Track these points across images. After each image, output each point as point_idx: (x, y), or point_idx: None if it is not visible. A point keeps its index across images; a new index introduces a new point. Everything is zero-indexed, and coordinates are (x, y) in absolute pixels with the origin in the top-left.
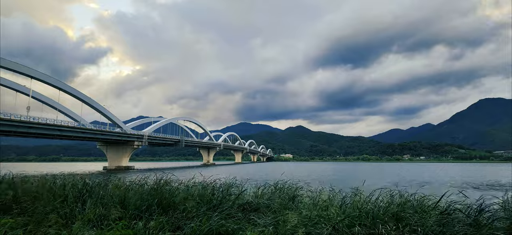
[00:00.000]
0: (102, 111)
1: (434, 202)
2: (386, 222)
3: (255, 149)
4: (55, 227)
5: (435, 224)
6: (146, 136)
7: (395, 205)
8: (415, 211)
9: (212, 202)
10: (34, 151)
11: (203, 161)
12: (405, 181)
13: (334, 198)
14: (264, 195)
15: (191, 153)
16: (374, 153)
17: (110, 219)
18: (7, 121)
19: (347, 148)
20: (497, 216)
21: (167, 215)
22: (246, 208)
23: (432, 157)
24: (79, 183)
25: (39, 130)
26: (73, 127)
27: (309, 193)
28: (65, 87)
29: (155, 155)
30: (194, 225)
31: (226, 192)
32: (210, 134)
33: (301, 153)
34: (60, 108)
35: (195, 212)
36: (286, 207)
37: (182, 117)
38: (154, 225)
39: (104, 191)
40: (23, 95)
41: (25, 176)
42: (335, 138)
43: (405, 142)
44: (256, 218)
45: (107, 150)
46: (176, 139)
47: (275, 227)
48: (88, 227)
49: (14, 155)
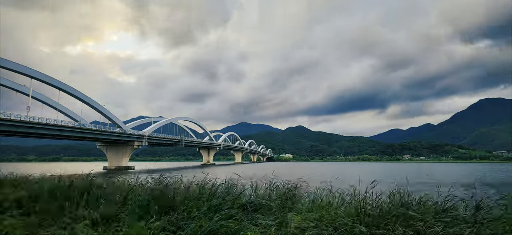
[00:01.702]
0: (102, 112)
1: (436, 201)
2: (388, 222)
3: (255, 149)
4: (56, 227)
5: (437, 223)
6: (146, 136)
7: (397, 205)
8: (417, 210)
9: (213, 202)
10: (34, 151)
11: (203, 161)
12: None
13: (334, 198)
14: (265, 195)
15: (191, 153)
16: (374, 153)
17: (111, 219)
18: (7, 120)
19: (347, 148)
20: (497, 215)
21: (168, 215)
22: (246, 208)
23: (432, 157)
24: (79, 183)
25: (39, 130)
26: (73, 127)
27: (309, 193)
28: (65, 87)
29: (155, 155)
30: (195, 225)
31: (227, 192)
32: (210, 134)
33: (301, 153)
34: (60, 108)
35: (196, 212)
36: (287, 207)
37: (182, 117)
38: (156, 226)
39: (104, 191)
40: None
41: (25, 176)
42: (335, 138)
43: (405, 142)
44: (257, 218)
45: (107, 150)
46: (176, 139)
47: (277, 228)
48: (90, 227)
49: (14, 155)
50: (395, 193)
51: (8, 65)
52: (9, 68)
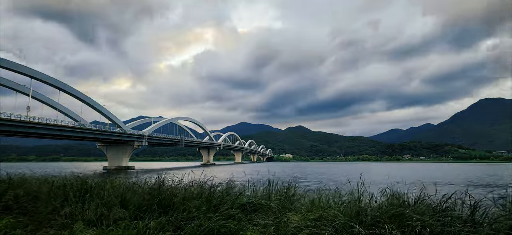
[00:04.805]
0: (102, 112)
1: (434, 201)
2: (386, 222)
3: (255, 149)
4: (55, 227)
5: (435, 223)
6: (146, 136)
7: (395, 205)
8: (415, 210)
9: (212, 202)
10: (34, 151)
11: (203, 161)
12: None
13: (333, 198)
14: (264, 195)
15: (191, 152)
16: (374, 153)
17: (110, 219)
18: (7, 120)
19: (347, 148)
20: (497, 215)
21: (167, 215)
22: (246, 208)
23: (432, 157)
24: (79, 183)
25: (39, 130)
26: (73, 127)
27: (309, 193)
28: (65, 87)
29: (155, 155)
30: (194, 225)
31: (226, 192)
32: (210, 133)
33: (301, 153)
34: (60, 108)
35: (195, 212)
36: (286, 207)
37: (182, 117)
38: (155, 225)
39: (104, 191)
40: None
41: (25, 176)
42: (335, 138)
43: (405, 142)
44: (256, 218)
45: (107, 150)
46: (176, 139)
47: (277, 228)
48: (89, 227)
49: (14, 155)
50: (395, 193)
51: (8, 65)
52: (9, 68)
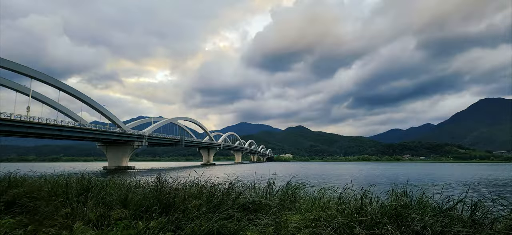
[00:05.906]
0: (102, 112)
1: (434, 201)
2: (387, 222)
3: (255, 149)
4: (56, 227)
5: (435, 224)
6: (146, 136)
7: (395, 205)
8: (415, 211)
9: (212, 202)
10: (34, 151)
11: (203, 161)
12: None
13: (333, 198)
14: (264, 195)
15: (191, 153)
16: (374, 153)
17: (111, 219)
18: (7, 120)
19: (347, 148)
20: (497, 215)
21: (167, 215)
22: (246, 208)
23: (432, 157)
24: (79, 183)
25: (39, 130)
26: (73, 127)
27: (309, 193)
28: (65, 87)
29: (155, 155)
30: (195, 225)
31: (226, 192)
32: (210, 134)
33: (301, 153)
34: (60, 108)
35: (195, 212)
36: (287, 207)
37: (182, 117)
38: (155, 225)
39: (104, 191)
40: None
41: (25, 176)
42: (335, 138)
43: (405, 142)
44: (256, 218)
45: (107, 150)
46: (176, 139)
47: (276, 228)
48: (89, 227)
49: (14, 155)
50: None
51: (8, 65)
52: (9, 68)
